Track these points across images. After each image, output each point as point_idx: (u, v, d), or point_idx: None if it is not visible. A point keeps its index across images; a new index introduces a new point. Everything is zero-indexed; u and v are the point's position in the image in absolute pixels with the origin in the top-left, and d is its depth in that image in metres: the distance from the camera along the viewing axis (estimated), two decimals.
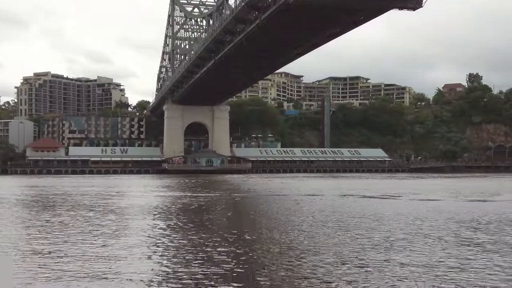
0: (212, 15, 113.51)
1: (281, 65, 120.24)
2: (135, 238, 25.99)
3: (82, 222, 32.94)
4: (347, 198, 52.47)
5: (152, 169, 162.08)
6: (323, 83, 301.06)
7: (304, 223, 31.53)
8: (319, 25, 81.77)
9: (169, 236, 27.02)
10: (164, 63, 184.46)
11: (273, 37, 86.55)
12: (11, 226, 31.66)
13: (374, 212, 37.28)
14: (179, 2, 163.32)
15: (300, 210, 40.71)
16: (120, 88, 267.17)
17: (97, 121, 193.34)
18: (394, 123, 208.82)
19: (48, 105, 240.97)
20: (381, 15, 75.80)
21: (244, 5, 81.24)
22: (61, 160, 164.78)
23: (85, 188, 75.90)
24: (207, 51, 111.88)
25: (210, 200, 51.86)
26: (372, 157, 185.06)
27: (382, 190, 66.35)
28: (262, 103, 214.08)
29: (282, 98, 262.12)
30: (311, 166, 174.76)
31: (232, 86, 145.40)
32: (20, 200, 53.10)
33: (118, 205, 45.49)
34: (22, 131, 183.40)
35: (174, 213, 39.57)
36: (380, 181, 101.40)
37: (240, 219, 35.78)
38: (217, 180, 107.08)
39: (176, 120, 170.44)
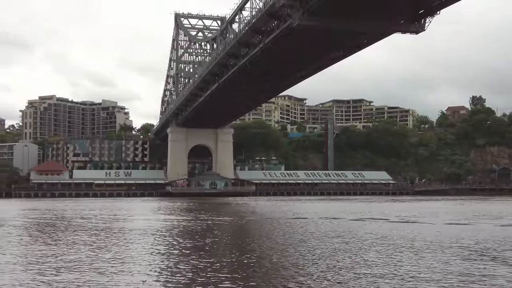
0: (216, 39, 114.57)
1: (285, 88, 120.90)
2: (137, 263, 25.87)
3: (83, 246, 32.80)
4: (362, 222, 52.17)
5: (156, 192, 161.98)
6: (326, 105, 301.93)
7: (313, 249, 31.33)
8: (323, 49, 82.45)
9: (170, 260, 26.90)
10: (169, 87, 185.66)
11: (276, 60, 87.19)
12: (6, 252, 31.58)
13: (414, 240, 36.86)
14: (184, 27, 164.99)
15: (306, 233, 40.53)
16: (125, 111, 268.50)
17: (101, 144, 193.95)
18: (397, 145, 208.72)
19: (53, 128, 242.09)
20: (384, 38, 76.54)
21: (248, 29, 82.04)
22: (65, 183, 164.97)
23: (89, 211, 75.74)
24: (211, 74, 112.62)
25: (214, 224, 51.67)
26: (376, 179, 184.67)
27: (398, 213, 64.90)
28: (266, 126, 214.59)
29: (286, 121, 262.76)
30: (315, 189, 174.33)
31: (236, 109, 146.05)
32: (21, 225, 53.03)
33: (121, 229, 45.37)
34: (27, 154, 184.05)
35: (176, 236, 39.42)
36: (391, 204, 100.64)
37: (243, 244, 35.59)
38: (221, 203, 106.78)
39: (180, 143, 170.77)
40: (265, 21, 76.27)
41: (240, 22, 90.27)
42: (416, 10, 66.75)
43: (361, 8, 62.64)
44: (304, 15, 64.01)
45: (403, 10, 65.97)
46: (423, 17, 67.99)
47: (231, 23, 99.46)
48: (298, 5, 63.99)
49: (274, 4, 67.67)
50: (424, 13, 67.24)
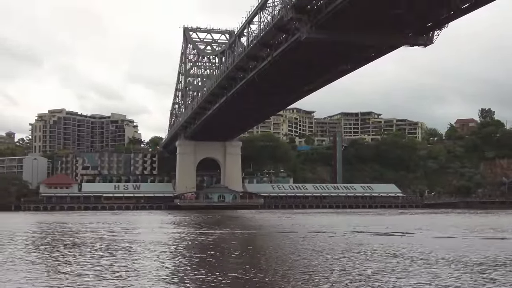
0: (225, 53, 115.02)
1: (293, 101, 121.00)
2: (144, 276, 25.81)
3: (91, 261, 32.75)
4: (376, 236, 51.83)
5: (165, 205, 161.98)
6: (334, 118, 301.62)
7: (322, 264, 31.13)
8: (331, 62, 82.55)
9: (177, 274, 26.82)
10: (177, 100, 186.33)
11: (285, 73, 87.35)
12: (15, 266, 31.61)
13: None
14: (192, 40, 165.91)
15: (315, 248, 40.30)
16: (133, 124, 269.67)
17: (110, 157, 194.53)
18: (406, 158, 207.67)
19: (62, 141, 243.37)
20: (392, 51, 76.48)
21: (256, 42, 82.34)
22: (74, 196, 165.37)
23: (97, 224, 75.84)
24: (220, 87, 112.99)
25: (222, 237, 51.52)
26: (385, 192, 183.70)
27: (425, 227, 63.86)
28: (274, 139, 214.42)
29: (294, 134, 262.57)
30: (323, 202, 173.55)
31: (244, 122, 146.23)
32: (30, 239, 53.15)
33: (129, 242, 45.32)
34: (36, 168, 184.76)
35: (184, 250, 39.37)
36: (405, 217, 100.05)
37: (251, 258, 35.41)
38: (229, 216, 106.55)
39: (188, 156, 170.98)
40: (273, 35, 76.54)
41: (249, 35, 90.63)
42: (424, 23, 66.69)
43: (369, 21, 62.71)
44: (312, 28, 64.17)
45: (411, 23, 65.91)
46: (431, 30, 67.89)
47: (239, 37, 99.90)
48: (306, 18, 64.19)
49: (282, 17, 67.91)
50: (432, 26, 67.14)
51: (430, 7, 60.50)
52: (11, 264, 30.72)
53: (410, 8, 59.15)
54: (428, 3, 58.31)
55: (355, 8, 57.61)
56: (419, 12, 61.42)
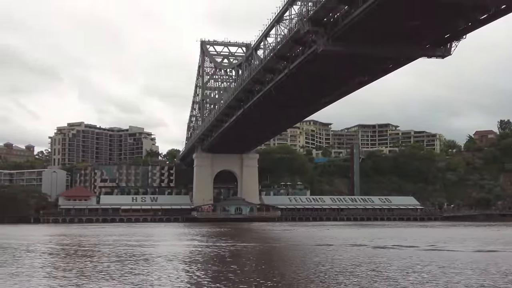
0: (241, 65, 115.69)
1: (310, 113, 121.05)
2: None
3: (108, 274, 32.88)
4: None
5: (182, 217, 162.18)
6: (351, 130, 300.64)
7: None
8: (348, 74, 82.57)
9: (193, 286, 26.79)
10: (194, 112, 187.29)
11: (301, 86, 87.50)
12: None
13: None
14: (209, 54, 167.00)
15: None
16: (151, 137, 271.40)
17: (128, 169, 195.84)
18: (425, 170, 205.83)
19: (81, 154, 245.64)
20: (410, 63, 76.26)
21: (273, 55, 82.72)
22: (93, 208, 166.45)
23: (115, 237, 76.18)
24: (236, 100, 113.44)
25: (240, 250, 51.41)
26: (404, 205, 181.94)
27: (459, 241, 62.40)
28: (291, 151, 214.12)
29: (311, 146, 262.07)
30: (341, 214, 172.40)
31: (261, 135, 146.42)
32: (49, 251, 53.54)
33: (147, 255, 45.45)
34: (55, 180, 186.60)
35: (201, 263, 39.34)
36: (423, 230, 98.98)
37: (269, 271, 35.26)
38: (246, 228, 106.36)
39: (205, 168, 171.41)
40: (290, 47, 76.88)
41: (265, 48, 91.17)
42: (441, 34, 66.51)
43: (386, 33, 62.69)
44: (329, 40, 64.33)
45: (429, 35, 65.80)
46: (449, 41, 67.68)
47: (256, 50, 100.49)
48: (322, 31, 64.39)
49: (299, 30, 68.20)
50: (450, 37, 66.96)
51: (447, 19, 60.34)
52: (25, 276, 31.03)
53: (427, 20, 59.07)
54: (446, 14, 58.11)
55: (372, 20, 57.67)
56: (437, 23, 61.30)
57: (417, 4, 54.31)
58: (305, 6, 67.00)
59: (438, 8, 55.13)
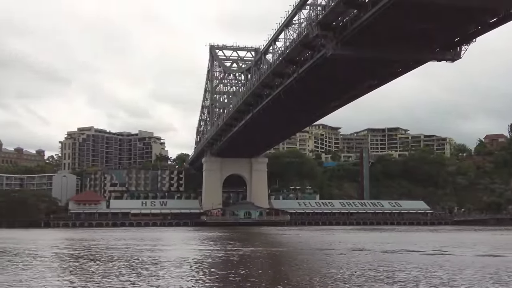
0: (250, 70, 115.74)
1: (319, 118, 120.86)
2: None
3: (118, 278, 32.97)
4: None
5: (191, 222, 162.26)
6: (361, 134, 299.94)
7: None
8: (357, 78, 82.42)
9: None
10: (203, 117, 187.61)
11: (310, 90, 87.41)
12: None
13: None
14: (218, 58, 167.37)
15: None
16: (160, 141, 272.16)
17: (137, 174, 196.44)
18: (435, 174, 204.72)
19: (91, 159, 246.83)
20: (419, 66, 76.00)
21: (281, 59, 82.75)
22: (102, 213, 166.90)
23: (125, 241, 76.38)
24: (246, 104, 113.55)
25: (248, 254, 51.36)
26: (414, 209, 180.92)
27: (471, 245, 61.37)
28: (300, 155, 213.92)
29: (320, 150, 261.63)
30: (350, 219, 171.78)
31: (270, 139, 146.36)
32: (56, 254, 53.77)
33: (156, 259, 45.53)
34: (65, 185, 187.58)
35: (210, 267, 39.33)
36: (436, 234, 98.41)
37: (276, 276, 35.19)
38: (256, 232, 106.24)
39: (214, 173, 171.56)
40: (298, 52, 76.91)
41: (274, 52, 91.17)
42: (451, 38, 66.26)
43: (395, 36, 62.57)
44: (338, 44, 64.30)
45: (439, 38, 65.57)
46: (458, 45, 67.40)
47: (265, 54, 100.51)
48: (331, 35, 64.38)
49: (307, 34, 68.23)
50: (460, 41, 66.67)
51: (457, 22, 60.10)
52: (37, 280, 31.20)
53: (437, 23, 58.87)
54: (456, 18, 57.89)
55: (381, 24, 57.59)
56: (446, 27, 61.08)
57: (427, 8, 54.12)
58: (314, 11, 67.08)
59: (448, 11, 54.95)
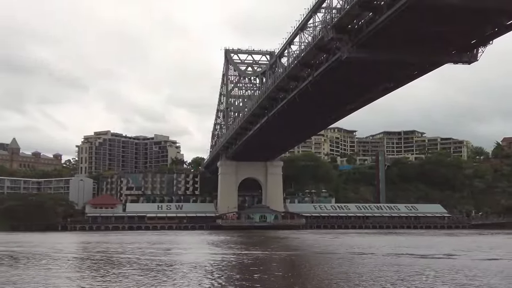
0: (265, 73, 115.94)
1: (334, 121, 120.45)
2: None
3: (133, 281, 33.12)
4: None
5: (207, 225, 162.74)
6: (376, 137, 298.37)
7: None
8: (373, 81, 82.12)
9: None
10: (219, 121, 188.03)
11: (326, 93, 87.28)
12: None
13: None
14: (233, 62, 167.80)
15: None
16: (176, 145, 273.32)
17: (153, 177, 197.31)
18: (452, 177, 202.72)
19: (107, 162, 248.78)
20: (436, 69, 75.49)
21: (296, 63, 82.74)
22: (119, 216, 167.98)
23: (140, 244, 76.76)
24: (261, 108, 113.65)
25: (263, 258, 51.30)
26: (430, 213, 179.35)
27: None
28: (315, 158, 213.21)
29: (335, 153, 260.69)
30: (366, 222, 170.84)
31: (285, 142, 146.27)
32: (72, 258, 54.18)
33: (172, 263, 45.69)
34: (82, 188, 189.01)
35: (225, 271, 39.37)
36: (454, 238, 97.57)
37: (290, 280, 35.11)
38: (271, 236, 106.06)
39: (230, 176, 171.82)
40: (314, 55, 76.85)
41: (289, 56, 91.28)
42: (468, 40, 65.76)
43: (411, 39, 62.25)
44: (353, 47, 64.18)
45: (455, 40, 65.11)
46: (475, 47, 66.87)
47: (280, 57, 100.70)
48: (347, 38, 64.29)
49: (323, 37, 68.18)
50: (476, 43, 66.17)
51: (473, 24, 59.64)
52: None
53: (453, 25, 58.48)
54: (471, 20, 57.46)
55: (396, 27, 57.36)
56: (462, 29, 60.64)
57: (442, 10, 53.79)
58: (329, 14, 67.06)
59: (463, 13, 54.55)
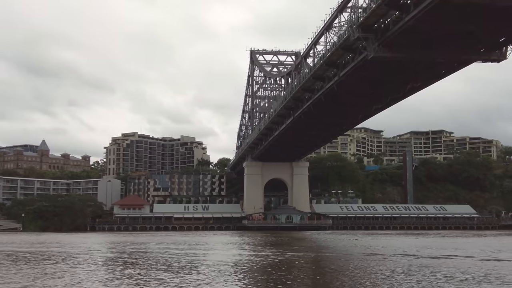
0: (291, 74, 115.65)
1: (361, 121, 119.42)
2: None
3: (159, 279, 33.41)
4: None
5: (233, 226, 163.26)
6: (404, 137, 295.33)
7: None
8: (399, 80, 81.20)
9: None
10: (244, 121, 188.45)
11: (352, 93, 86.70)
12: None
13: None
14: (259, 63, 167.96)
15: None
16: (202, 146, 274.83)
17: (180, 178, 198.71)
18: (481, 177, 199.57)
19: (135, 164, 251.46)
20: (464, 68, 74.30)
21: (322, 63, 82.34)
22: (146, 217, 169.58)
23: (168, 245, 77.39)
24: (286, 108, 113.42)
25: (289, 259, 51.21)
26: (459, 213, 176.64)
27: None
28: (342, 159, 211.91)
29: (362, 154, 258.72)
30: (393, 223, 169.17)
31: (311, 143, 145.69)
32: (102, 257, 54.87)
33: (199, 263, 45.94)
34: (110, 189, 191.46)
35: (251, 272, 39.43)
36: (484, 239, 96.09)
37: (313, 281, 34.97)
38: (297, 237, 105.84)
39: (255, 177, 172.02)
40: (339, 55, 76.34)
41: (315, 56, 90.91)
42: (497, 38, 64.59)
43: (438, 37, 61.44)
44: (380, 47, 63.61)
45: (483, 39, 63.96)
46: (504, 45, 65.67)
47: (305, 58, 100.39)
48: (373, 37, 63.75)
49: (348, 37, 67.70)
50: (505, 41, 64.95)
51: (501, 22, 58.54)
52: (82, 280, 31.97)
53: (481, 23, 57.53)
54: (500, 17, 56.39)
55: (423, 26, 56.67)
56: (491, 27, 59.58)
57: (469, 8, 52.95)
58: (355, 13, 66.59)
59: (491, 11, 53.60)
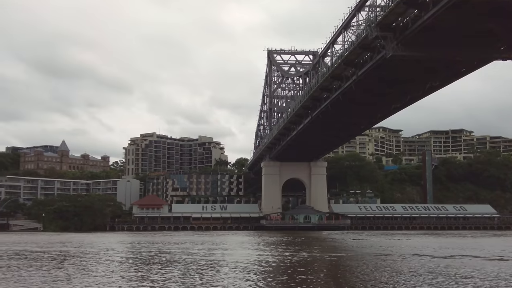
0: (309, 73, 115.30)
1: (379, 120, 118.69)
2: None
3: (176, 278, 33.52)
4: None
5: (251, 226, 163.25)
6: (423, 137, 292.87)
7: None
8: (418, 79, 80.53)
9: None
10: (262, 121, 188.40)
11: (370, 92, 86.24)
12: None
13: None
14: (276, 63, 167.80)
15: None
16: (220, 146, 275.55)
17: (198, 178, 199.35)
18: (502, 177, 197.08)
19: (153, 164, 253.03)
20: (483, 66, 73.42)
21: (340, 62, 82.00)
22: (165, 217, 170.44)
23: (186, 244, 77.70)
24: (304, 108, 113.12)
25: (307, 259, 51.04)
26: (480, 213, 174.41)
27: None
28: (360, 159, 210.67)
29: (381, 153, 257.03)
30: (413, 223, 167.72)
31: (329, 142, 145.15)
32: (121, 256, 55.22)
33: (217, 262, 46.03)
34: (129, 189, 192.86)
35: (269, 272, 39.39)
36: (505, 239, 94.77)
37: (330, 282, 34.79)
38: (316, 237, 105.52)
39: (273, 177, 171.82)
40: (357, 54, 75.97)
41: (332, 55, 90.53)
42: None
43: (457, 36, 60.77)
44: (398, 45, 63.18)
45: (503, 36, 63.10)
46: None
47: (323, 57, 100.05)
48: (391, 36, 63.32)
49: (367, 36, 67.30)
50: None
51: None
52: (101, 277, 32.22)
53: (502, 22, 56.78)
54: None
55: (442, 24, 56.12)
56: (511, 25, 58.74)
57: (489, 6, 52.29)
58: (373, 12, 66.18)
59: (511, 8, 52.94)
